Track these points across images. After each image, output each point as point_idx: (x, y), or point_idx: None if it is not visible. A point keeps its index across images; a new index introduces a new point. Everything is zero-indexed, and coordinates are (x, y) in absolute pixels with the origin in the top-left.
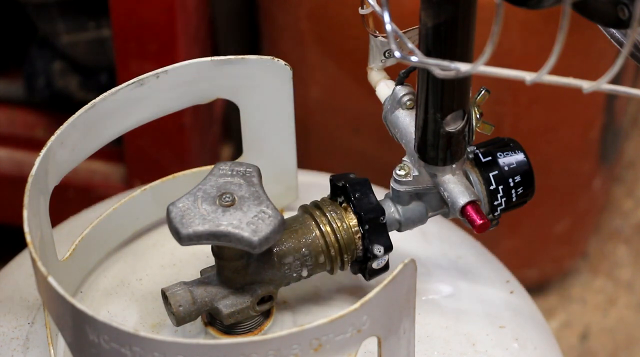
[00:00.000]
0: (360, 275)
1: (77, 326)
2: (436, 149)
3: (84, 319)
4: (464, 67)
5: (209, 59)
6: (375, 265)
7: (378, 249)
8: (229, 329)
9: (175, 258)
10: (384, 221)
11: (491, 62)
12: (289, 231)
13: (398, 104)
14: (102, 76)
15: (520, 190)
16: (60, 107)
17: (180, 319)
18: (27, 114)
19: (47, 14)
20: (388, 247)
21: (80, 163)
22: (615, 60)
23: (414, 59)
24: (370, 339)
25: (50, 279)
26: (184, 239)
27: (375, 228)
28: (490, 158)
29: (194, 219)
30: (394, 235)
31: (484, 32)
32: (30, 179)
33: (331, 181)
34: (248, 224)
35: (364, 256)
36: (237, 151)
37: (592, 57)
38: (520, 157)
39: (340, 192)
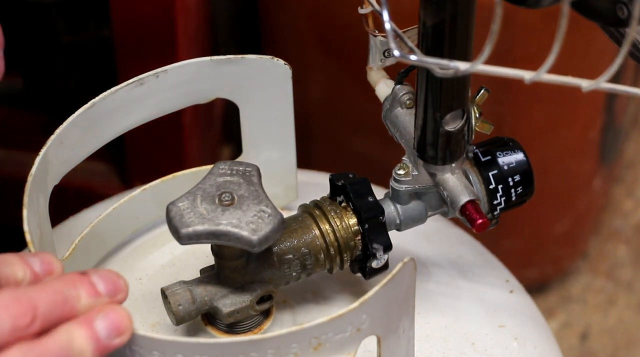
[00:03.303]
0: (359, 274)
1: None
2: (435, 148)
3: None
4: (463, 66)
5: (208, 58)
6: (374, 264)
7: (377, 249)
8: (229, 328)
9: (175, 258)
10: (384, 220)
11: (491, 62)
12: (288, 230)
13: (397, 103)
14: (102, 76)
15: (519, 189)
16: (60, 107)
17: (179, 318)
18: (27, 114)
19: (47, 14)
20: (387, 247)
21: (79, 163)
22: (614, 59)
23: (413, 58)
24: (370, 338)
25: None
26: (183, 238)
27: (375, 227)
28: (489, 157)
29: (193, 218)
30: (393, 234)
31: (484, 33)
32: (29, 179)
33: (331, 180)
34: (247, 223)
35: (363, 255)
36: (237, 151)
37: (592, 56)
38: (519, 156)
39: (340, 191)
